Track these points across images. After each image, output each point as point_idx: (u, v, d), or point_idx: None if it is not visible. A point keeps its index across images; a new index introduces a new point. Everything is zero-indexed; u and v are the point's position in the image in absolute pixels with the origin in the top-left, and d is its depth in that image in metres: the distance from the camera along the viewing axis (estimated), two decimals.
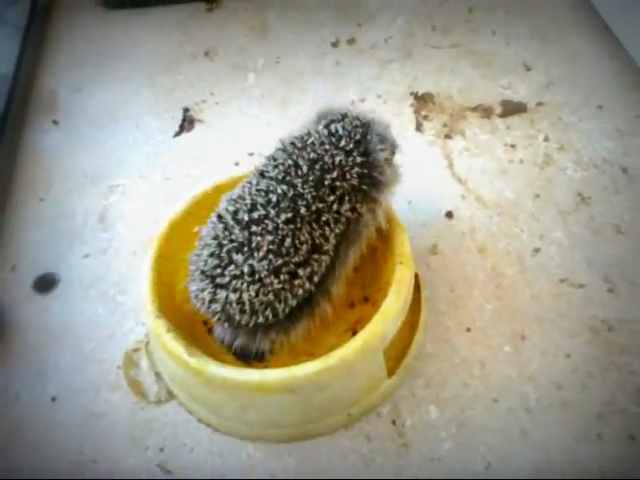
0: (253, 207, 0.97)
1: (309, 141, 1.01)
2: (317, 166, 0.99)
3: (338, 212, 0.99)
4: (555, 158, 1.35)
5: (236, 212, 0.97)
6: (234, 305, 0.94)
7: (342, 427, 1.02)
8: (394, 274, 1.01)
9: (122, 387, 1.09)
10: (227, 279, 0.93)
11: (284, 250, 0.94)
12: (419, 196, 1.30)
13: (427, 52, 1.60)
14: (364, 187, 1.01)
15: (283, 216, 0.95)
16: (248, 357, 1.05)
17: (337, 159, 0.99)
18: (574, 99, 1.46)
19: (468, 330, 1.12)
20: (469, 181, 1.33)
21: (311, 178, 0.98)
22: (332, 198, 0.98)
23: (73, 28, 1.78)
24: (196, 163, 1.41)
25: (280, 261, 0.94)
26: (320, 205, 0.97)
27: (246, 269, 0.93)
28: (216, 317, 0.97)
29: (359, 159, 1.01)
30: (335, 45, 1.65)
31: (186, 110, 1.53)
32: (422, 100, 1.49)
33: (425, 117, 1.46)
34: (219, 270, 0.94)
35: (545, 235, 1.23)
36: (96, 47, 1.70)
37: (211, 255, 0.95)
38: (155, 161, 1.43)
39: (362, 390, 1.01)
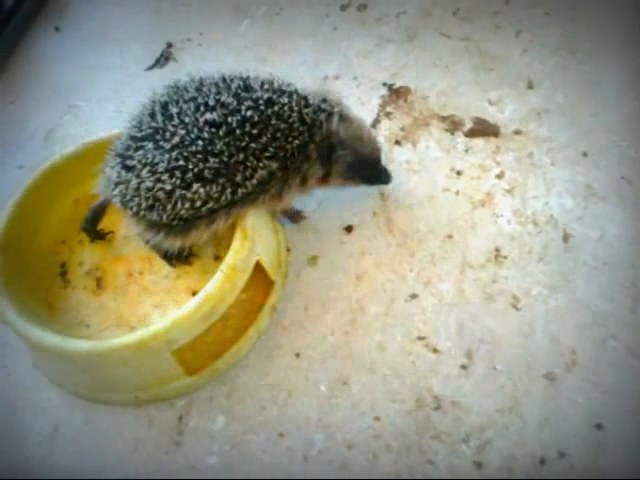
0: (184, 101, 0.97)
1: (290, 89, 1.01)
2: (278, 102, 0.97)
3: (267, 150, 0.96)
4: (496, 200, 1.17)
5: (166, 104, 0.98)
6: (130, 191, 0.97)
7: (133, 404, 1.05)
8: (210, 280, 0.98)
9: None
10: (134, 162, 0.97)
11: (190, 153, 0.94)
12: (331, 200, 1.20)
13: (433, 39, 1.42)
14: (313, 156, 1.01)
15: (208, 116, 0.95)
16: (162, 255, 1.11)
17: (306, 111, 0.99)
18: (560, 137, 1.22)
19: (297, 355, 1.06)
20: (390, 199, 1.20)
21: (263, 108, 0.96)
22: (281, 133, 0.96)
23: None
24: None
25: (181, 162, 0.94)
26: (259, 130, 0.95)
27: (149, 158, 0.95)
28: (116, 202, 1.01)
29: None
30: (344, 8, 1.51)
31: (169, 45, 1.52)
32: (395, 94, 1.34)
33: (388, 114, 1.31)
34: (130, 152, 0.98)
35: (432, 283, 1.10)
36: None
37: (129, 137, 0.99)
38: (118, 91, 1.46)
39: (148, 380, 1.01)
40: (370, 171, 1.10)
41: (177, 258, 1.12)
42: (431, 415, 0.99)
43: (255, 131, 0.95)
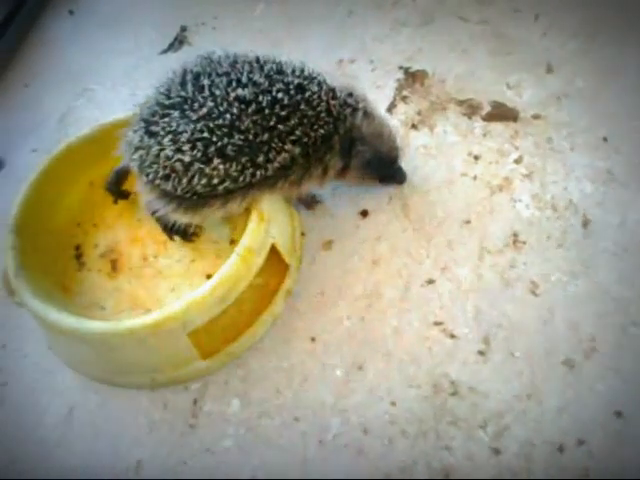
0: (217, 74, 0.96)
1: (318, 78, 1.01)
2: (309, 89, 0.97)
3: (294, 135, 0.96)
4: (514, 185, 1.15)
5: (198, 75, 0.97)
6: (150, 157, 0.96)
7: (148, 387, 1.04)
8: (226, 262, 0.97)
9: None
10: (158, 128, 0.96)
11: (215, 126, 0.93)
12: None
13: (450, 22, 1.39)
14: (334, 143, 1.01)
15: (239, 92, 0.94)
16: (166, 228, 1.10)
17: (333, 102, 1.00)
18: (580, 121, 1.20)
19: (312, 340, 1.06)
20: (406, 184, 1.18)
21: (293, 92, 0.96)
22: (307, 119, 0.96)
23: None
24: None
25: (205, 134, 0.93)
26: (287, 112, 0.95)
27: (174, 126, 0.94)
28: (134, 166, 0.99)
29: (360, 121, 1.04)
30: None
31: (183, 29, 1.50)
32: (411, 78, 1.32)
33: (404, 98, 1.30)
34: (155, 118, 0.97)
35: (449, 268, 1.09)
36: None
37: (156, 104, 0.98)
38: (132, 74, 1.45)
39: (164, 362, 1.01)
40: (386, 170, 1.12)
41: (180, 233, 1.11)
42: (448, 401, 0.98)
43: (284, 113, 0.95)
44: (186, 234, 1.12)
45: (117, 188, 1.16)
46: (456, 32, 1.38)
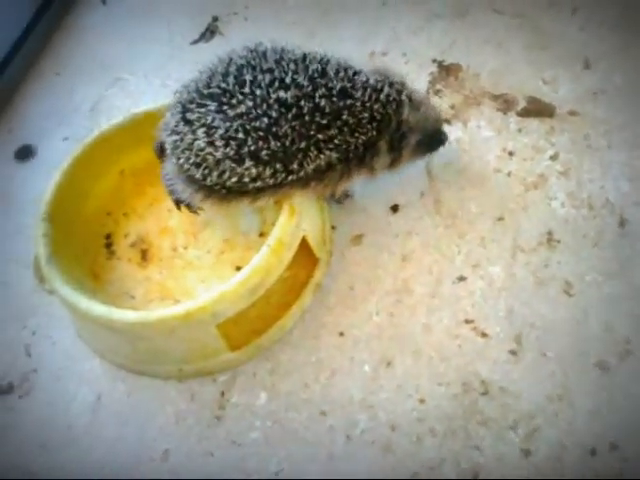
0: (261, 70, 0.94)
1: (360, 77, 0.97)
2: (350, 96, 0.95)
3: (333, 139, 0.94)
4: (549, 183, 1.13)
5: (241, 67, 0.95)
6: (184, 144, 0.94)
7: (176, 377, 1.05)
8: (256, 255, 0.96)
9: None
10: (194, 117, 0.94)
11: (252, 128, 0.91)
12: (377, 179, 1.16)
13: (484, 16, 1.37)
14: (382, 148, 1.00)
15: (281, 94, 0.92)
16: (178, 201, 1.08)
17: (376, 107, 0.97)
18: (617, 118, 1.17)
19: (341, 334, 1.05)
20: (439, 179, 1.17)
21: (336, 99, 0.94)
22: (349, 126, 0.94)
23: None
24: None
25: (240, 135, 0.92)
26: (327, 120, 0.92)
27: (209, 119, 0.93)
28: (168, 148, 0.98)
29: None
30: None
31: (215, 19, 1.50)
32: (445, 71, 1.30)
33: (437, 92, 1.28)
34: (192, 105, 0.95)
35: (481, 266, 1.07)
36: None
37: (195, 90, 0.96)
38: (164, 64, 1.45)
39: (193, 353, 1.01)
40: (434, 142, 1.09)
41: (188, 205, 1.08)
42: (478, 400, 0.96)
43: (324, 121, 0.93)
44: (194, 207, 1.09)
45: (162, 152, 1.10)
46: (491, 25, 1.35)
